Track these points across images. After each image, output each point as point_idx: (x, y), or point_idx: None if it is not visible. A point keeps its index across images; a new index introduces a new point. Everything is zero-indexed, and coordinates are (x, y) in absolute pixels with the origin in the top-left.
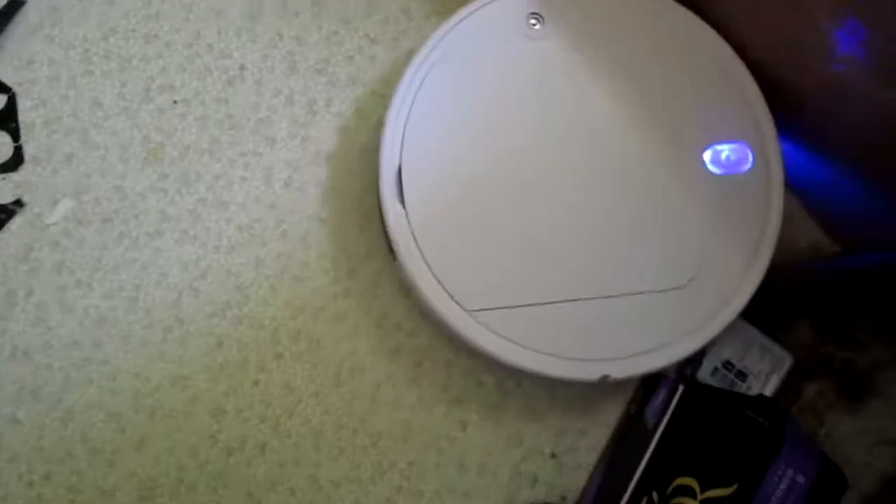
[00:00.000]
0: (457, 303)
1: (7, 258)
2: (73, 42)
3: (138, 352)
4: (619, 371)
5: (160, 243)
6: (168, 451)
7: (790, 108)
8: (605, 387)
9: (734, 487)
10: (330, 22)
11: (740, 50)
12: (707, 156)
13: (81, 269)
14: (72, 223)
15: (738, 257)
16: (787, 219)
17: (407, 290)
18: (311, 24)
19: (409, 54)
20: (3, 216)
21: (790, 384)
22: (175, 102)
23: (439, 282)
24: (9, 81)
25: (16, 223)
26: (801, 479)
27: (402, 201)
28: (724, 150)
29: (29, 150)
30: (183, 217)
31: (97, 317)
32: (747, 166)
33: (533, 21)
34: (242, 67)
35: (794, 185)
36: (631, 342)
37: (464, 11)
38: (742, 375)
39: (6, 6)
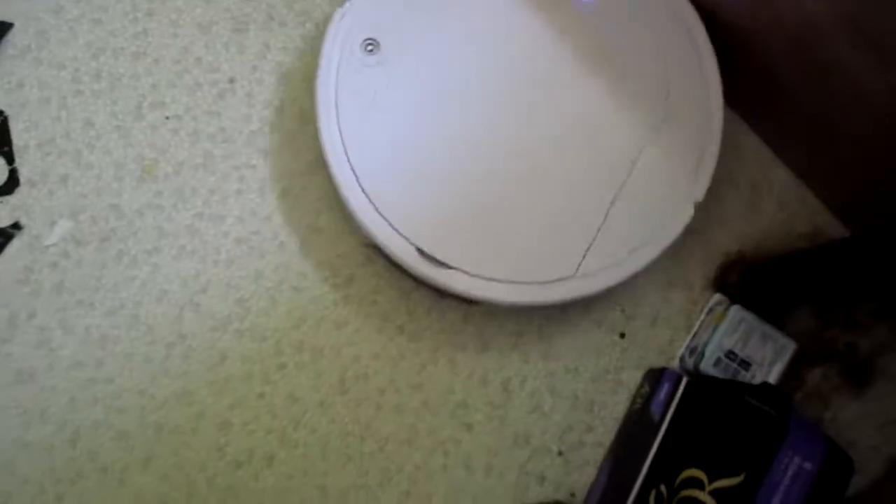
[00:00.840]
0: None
1: (7, 281)
2: (63, 63)
3: (142, 369)
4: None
5: (159, 260)
6: (176, 467)
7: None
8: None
9: (742, 477)
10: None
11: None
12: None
13: (82, 289)
14: (70, 244)
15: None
16: (783, 205)
17: (409, 292)
18: (296, 34)
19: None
20: (1, 240)
21: (794, 371)
22: (167, 118)
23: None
24: (0, 105)
25: (14, 246)
26: (807, 465)
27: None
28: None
29: (24, 173)
30: (180, 232)
31: (99, 336)
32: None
33: None
34: (232, 80)
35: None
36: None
37: None
38: (745, 365)
39: None
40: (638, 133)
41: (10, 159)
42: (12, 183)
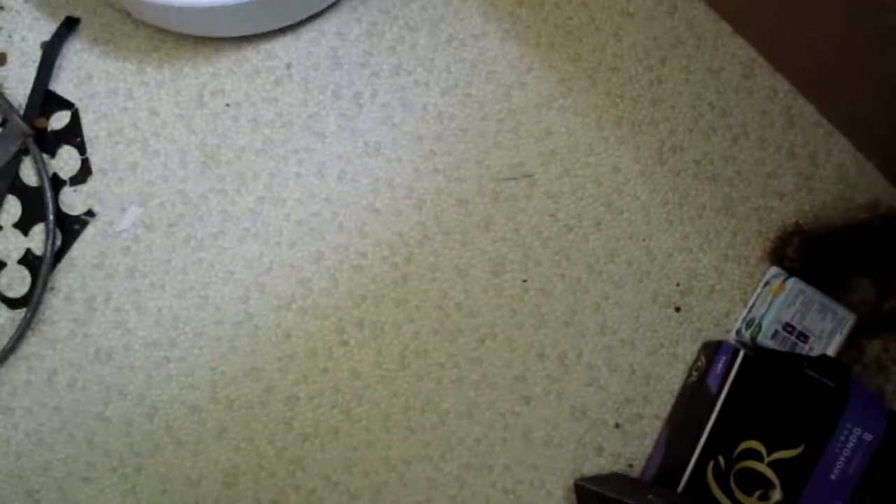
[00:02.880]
0: None
1: (84, 266)
2: (128, 55)
3: (212, 347)
4: None
5: (224, 242)
6: (247, 440)
7: None
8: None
9: (801, 448)
10: (369, 14)
11: None
12: None
13: (153, 272)
14: (140, 229)
15: None
16: (841, 176)
17: (465, 269)
18: (350, 17)
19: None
20: (77, 227)
21: (853, 342)
22: (227, 105)
23: None
24: (70, 97)
25: (89, 233)
26: (868, 436)
27: None
28: None
29: (95, 162)
30: (244, 216)
31: (171, 316)
32: None
33: None
34: (289, 66)
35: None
36: None
37: None
38: (803, 337)
39: (63, 25)
40: None
41: (81, 150)
42: (85, 172)
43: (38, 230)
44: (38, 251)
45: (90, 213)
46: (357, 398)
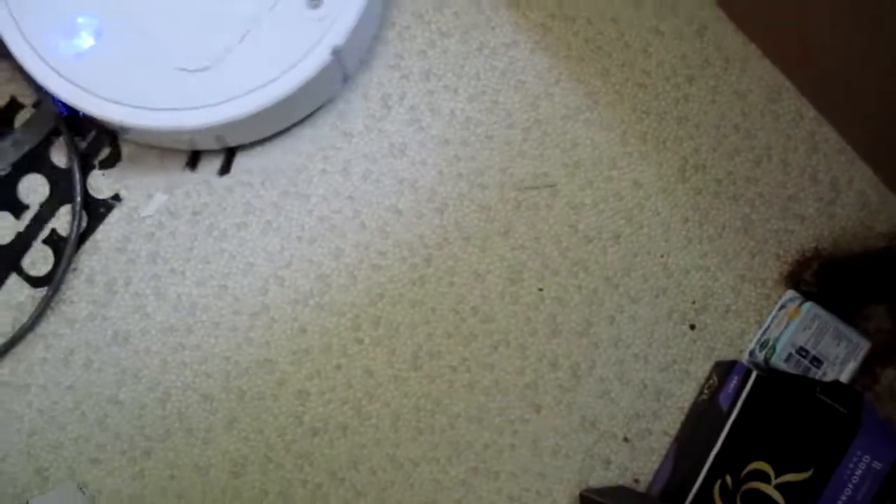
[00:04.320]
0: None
1: (107, 249)
2: None
3: (228, 337)
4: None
5: (246, 234)
6: (257, 431)
7: None
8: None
9: (810, 472)
10: (402, 17)
11: None
12: None
13: (174, 259)
14: (165, 216)
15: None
16: (862, 203)
17: (483, 275)
18: (383, 20)
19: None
20: (103, 210)
21: (867, 369)
22: None
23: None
24: None
25: (114, 216)
26: (877, 464)
27: None
28: None
29: (125, 149)
30: (266, 209)
31: (189, 304)
32: None
33: None
34: None
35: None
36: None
37: None
38: (817, 362)
39: None
40: None
41: (114, 136)
42: (114, 157)
43: (65, 211)
44: (63, 232)
45: (117, 198)
46: (368, 396)
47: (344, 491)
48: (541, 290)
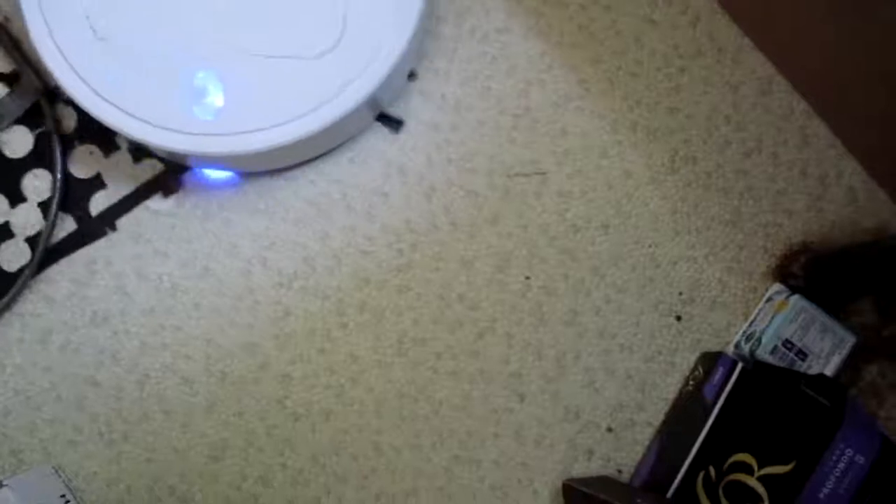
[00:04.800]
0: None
1: None
2: None
3: (210, 319)
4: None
5: (231, 214)
6: (238, 415)
7: None
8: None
9: (792, 465)
10: None
11: None
12: None
13: (157, 239)
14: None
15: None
16: (851, 198)
17: (470, 262)
18: None
19: None
20: (84, 191)
21: (851, 364)
22: None
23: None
24: None
25: (97, 197)
26: (860, 458)
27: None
28: None
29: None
30: (252, 189)
31: (171, 284)
32: None
33: None
34: None
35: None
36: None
37: None
38: (802, 355)
39: None
40: None
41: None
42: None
43: (46, 187)
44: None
45: (98, 178)
46: (351, 381)
47: (325, 477)
48: (528, 278)
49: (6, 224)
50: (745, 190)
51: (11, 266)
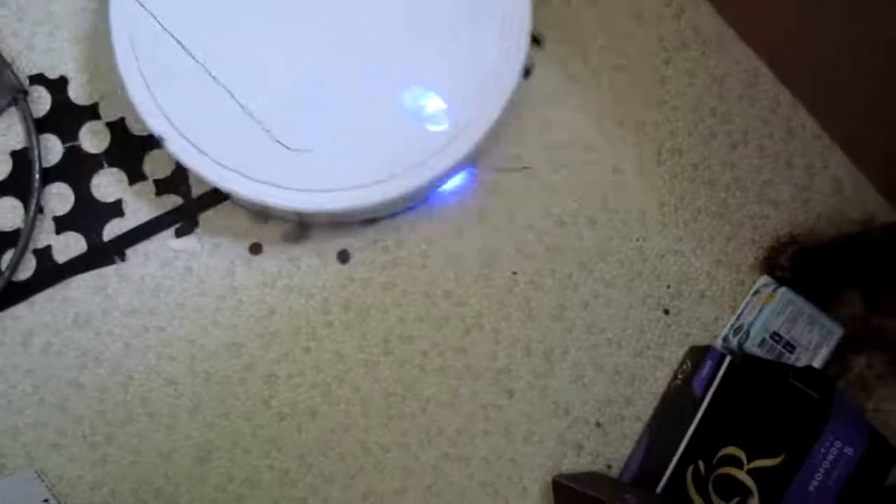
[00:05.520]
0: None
1: None
2: None
3: (193, 319)
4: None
5: (211, 213)
6: (223, 416)
7: None
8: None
9: (781, 458)
10: None
11: None
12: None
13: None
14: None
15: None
16: (837, 189)
17: (457, 258)
18: None
19: None
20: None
21: (839, 356)
22: None
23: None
24: None
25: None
26: (848, 450)
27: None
28: None
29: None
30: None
31: (153, 285)
32: None
33: None
34: None
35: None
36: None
37: None
38: (790, 347)
39: None
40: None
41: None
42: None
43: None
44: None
45: (119, 204)
46: (338, 380)
47: (312, 477)
48: (515, 273)
49: None
50: (732, 181)
51: None
